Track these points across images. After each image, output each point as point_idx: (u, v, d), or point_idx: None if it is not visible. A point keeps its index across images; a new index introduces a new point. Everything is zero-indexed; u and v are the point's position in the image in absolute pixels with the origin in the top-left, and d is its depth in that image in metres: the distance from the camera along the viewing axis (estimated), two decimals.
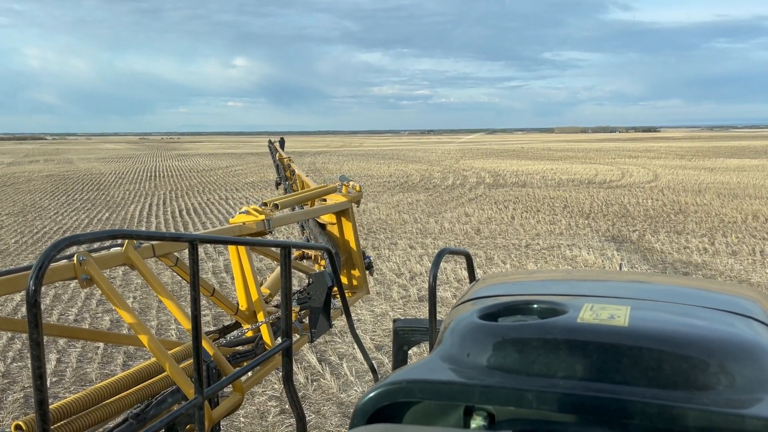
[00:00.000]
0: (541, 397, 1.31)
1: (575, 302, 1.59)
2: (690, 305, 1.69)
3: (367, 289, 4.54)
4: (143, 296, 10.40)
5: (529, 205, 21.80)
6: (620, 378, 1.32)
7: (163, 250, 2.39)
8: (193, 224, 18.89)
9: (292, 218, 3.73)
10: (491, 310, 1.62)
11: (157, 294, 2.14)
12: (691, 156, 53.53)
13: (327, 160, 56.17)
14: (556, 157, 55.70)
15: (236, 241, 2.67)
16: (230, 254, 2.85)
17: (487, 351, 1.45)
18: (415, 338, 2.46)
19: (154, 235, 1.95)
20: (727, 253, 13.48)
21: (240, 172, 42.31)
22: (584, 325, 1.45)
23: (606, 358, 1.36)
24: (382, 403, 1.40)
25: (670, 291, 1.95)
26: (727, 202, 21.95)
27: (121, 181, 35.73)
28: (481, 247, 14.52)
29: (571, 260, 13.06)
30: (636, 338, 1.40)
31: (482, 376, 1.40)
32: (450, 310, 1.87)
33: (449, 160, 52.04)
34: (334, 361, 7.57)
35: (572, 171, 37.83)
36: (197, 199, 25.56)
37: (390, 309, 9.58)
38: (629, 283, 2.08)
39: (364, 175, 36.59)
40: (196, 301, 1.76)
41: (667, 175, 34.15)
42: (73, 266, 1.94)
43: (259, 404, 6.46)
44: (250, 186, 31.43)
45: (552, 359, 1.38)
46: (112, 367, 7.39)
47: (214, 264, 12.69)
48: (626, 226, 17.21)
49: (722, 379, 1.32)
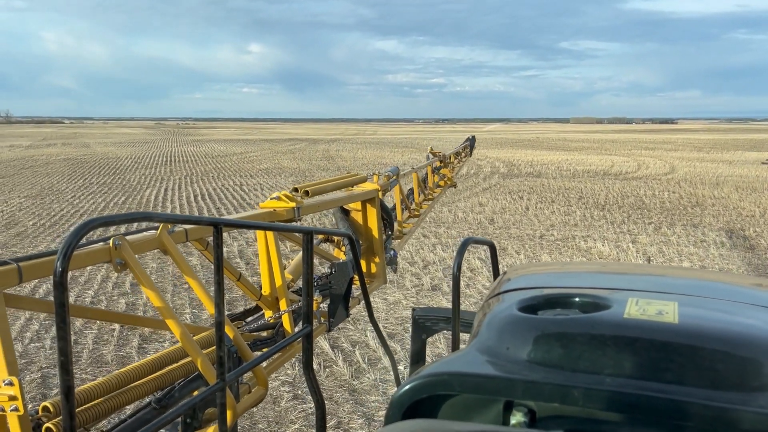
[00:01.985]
0: (588, 395, 1.26)
1: (617, 296, 1.55)
2: (738, 302, 1.64)
3: (385, 279, 4.53)
4: (158, 280, 10.48)
5: (544, 196, 21.67)
6: (671, 377, 1.28)
7: (195, 235, 2.39)
8: (208, 209, 18.99)
9: (321, 206, 3.72)
10: (530, 303, 1.58)
11: (187, 279, 2.15)
12: (709, 148, 52.89)
13: (341, 147, 56.16)
14: (572, 147, 55.26)
15: (259, 225, 2.66)
16: (258, 239, 2.85)
17: (527, 345, 1.41)
18: (434, 327, 2.44)
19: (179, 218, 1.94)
20: (745, 247, 13.33)
21: (254, 158, 42.42)
22: (632, 321, 1.41)
23: (656, 355, 1.32)
24: (419, 395, 1.37)
25: (715, 287, 1.89)
26: (746, 195, 21.69)
27: (137, 165, 35.96)
28: (495, 237, 14.47)
29: (586, 252, 12.98)
30: (688, 336, 1.36)
31: (524, 370, 1.35)
32: (483, 301, 1.83)
33: None
34: (346, 348, 7.60)
35: (588, 162, 37.53)
36: (212, 185, 25.67)
37: (403, 298, 9.59)
38: (671, 278, 2.02)
39: (378, 163, 36.55)
40: (220, 286, 1.76)
41: (685, 167, 33.77)
42: (108, 250, 1.94)
43: (271, 389, 6.50)
44: (264, 172, 31.51)
45: (599, 356, 1.34)
46: (127, 350, 7.47)
47: (239, 243, 12.76)
48: (642, 218, 17.07)
49: None
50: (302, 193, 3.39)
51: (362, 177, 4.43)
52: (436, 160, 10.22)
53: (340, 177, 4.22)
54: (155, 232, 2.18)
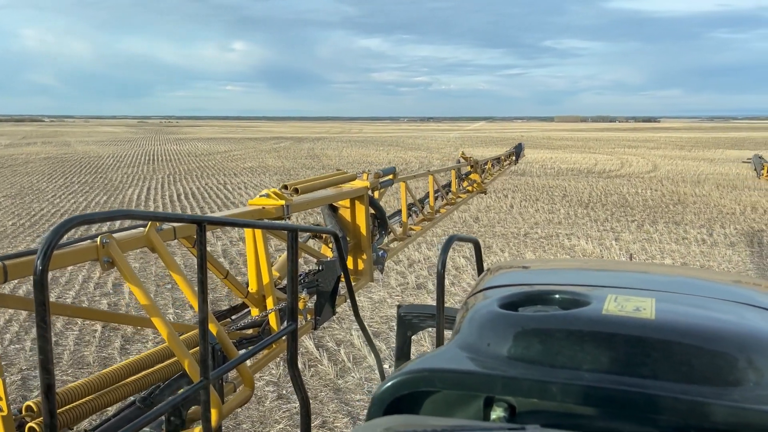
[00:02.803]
0: (566, 390, 1.29)
1: (597, 293, 1.57)
2: (713, 298, 1.67)
3: (371, 277, 4.53)
4: (141, 278, 10.39)
5: (528, 194, 21.80)
6: (648, 372, 1.30)
7: (183, 233, 2.38)
8: (191, 208, 18.86)
9: (310, 204, 3.71)
10: (511, 300, 1.60)
11: (173, 277, 2.14)
12: (690, 147, 53.51)
13: (326, 146, 56.04)
14: (556, 146, 55.63)
15: (242, 223, 2.65)
16: (246, 236, 2.85)
17: (508, 341, 1.43)
18: (420, 324, 2.45)
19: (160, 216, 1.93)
20: (725, 244, 13.51)
21: (238, 157, 42.19)
22: (610, 317, 1.43)
23: (634, 351, 1.34)
24: (401, 392, 1.38)
25: (692, 283, 1.92)
26: (726, 193, 21.98)
27: (119, 164, 35.62)
28: (480, 235, 14.52)
29: (570, 249, 13.08)
30: (664, 331, 1.38)
31: (503, 366, 1.37)
32: (465, 298, 1.85)
33: (448, 147, 51.97)
34: (331, 347, 7.59)
35: (572, 160, 37.80)
36: (195, 184, 25.49)
37: (388, 296, 9.59)
38: (649, 275, 2.06)
39: (364, 162, 36.53)
40: (204, 284, 1.75)
41: (667, 165, 34.15)
42: (96, 248, 1.92)
43: (256, 389, 6.48)
44: (249, 171, 31.35)
45: (577, 351, 1.36)
46: (109, 350, 7.40)
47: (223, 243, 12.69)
48: (625, 216, 17.23)
49: (751, 374, 1.30)
50: (291, 191, 3.38)
51: (351, 175, 4.43)
52: (466, 165, 10.24)
53: (329, 175, 4.21)
54: (143, 230, 2.17)
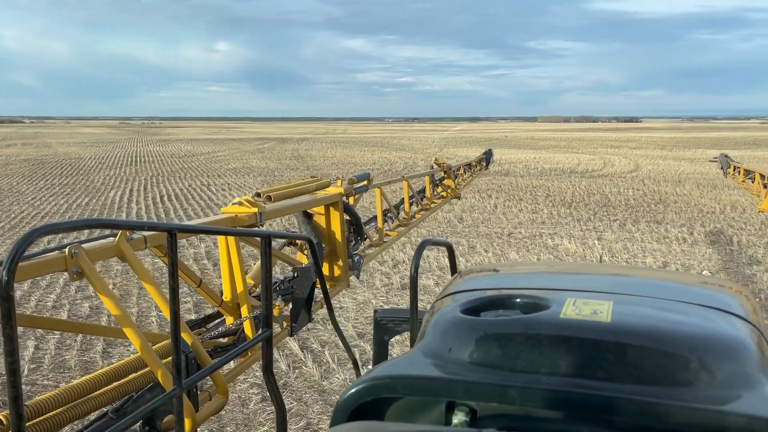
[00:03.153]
0: (524, 393, 1.30)
1: (558, 297, 1.59)
2: (672, 300, 1.69)
3: (347, 283, 4.52)
4: (124, 283, 10.30)
5: (512, 194, 21.90)
6: (603, 374, 1.32)
7: (155, 242, 2.35)
8: (174, 211, 18.72)
9: (284, 211, 3.70)
10: (473, 305, 1.61)
11: (146, 287, 2.11)
12: (671, 147, 54.09)
13: (310, 146, 55.91)
14: (539, 146, 55.98)
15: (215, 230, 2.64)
16: (219, 244, 2.83)
17: (469, 346, 1.45)
18: (396, 328, 2.45)
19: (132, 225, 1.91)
20: (706, 243, 13.67)
21: (222, 158, 41.96)
22: (567, 321, 1.45)
23: (589, 354, 1.36)
24: (364, 399, 1.39)
25: (652, 285, 1.95)
26: (706, 192, 22.25)
27: (101, 165, 35.26)
28: (464, 236, 14.57)
29: (553, 249, 13.16)
30: (618, 334, 1.40)
31: (464, 371, 1.39)
32: (432, 303, 1.86)
33: (433, 148, 52.08)
34: (316, 348, 7.57)
35: (555, 160, 38.05)
36: (178, 185, 25.31)
37: (373, 297, 9.59)
38: (611, 277, 2.09)
39: (348, 163, 36.50)
40: (175, 292, 1.74)
41: (648, 165, 34.48)
42: (64, 259, 1.89)
43: (240, 392, 6.45)
44: (232, 172, 31.19)
45: (535, 355, 1.38)
46: (91, 354, 7.32)
47: (196, 251, 12.60)
48: (607, 215, 17.37)
49: (703, 375, 1.32)
50: (264, 198, 3.37)
51: (325, 182, 4.42)
52: (440, 171, 10.30)
53: (303, 182, 4.20)
54: (113, 240, 2.14)
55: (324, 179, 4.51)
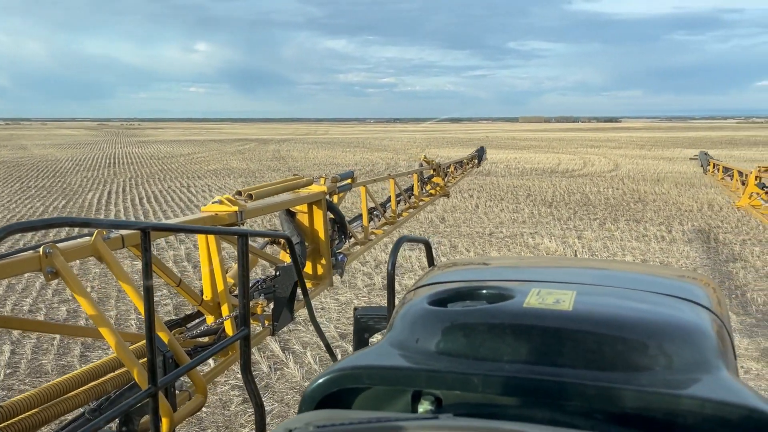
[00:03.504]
0: (486, 381, 1.32)
1: (523, 288, 1.61)
2: (634, 290, 1.72)
3: (330, 281, 4.51)
4: (102, 285, 10.17)
5: (493, 194, 22.01)
6: (562, 361, 1.35)
7: (133, 241, 2.32)
8: (154, 212, 18.53)
9: (265, 210, 3.68)
10: (441, 296, 1.63)
11: (123, 287, 2.08)
12: (650, 146, 54.76)
13: (292, 147, 55.72)
14: (520, 146, 56.36)
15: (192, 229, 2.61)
16: (199, 243, 2.79)
17: (435, 336, 1.46)
18: (376, 326, 2.45)
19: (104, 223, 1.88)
20: (684, 241, 13.85)
21: (202, 159, 41.65)
22: (529, 310, 1.47)
23: (549, 341, 1.38)
24: (330, 389, 1.40)
25: (618, 276, 1.98)
26: (684, 191, 22.55)
27: (78, 167, 34.79)
28: (446, 235, 14.61)
29: (534, 248, 13.24)
30: (578, 322, 1.43)
31: (430, 361, 1.41)
32: (403, 296, 1.87)
33: (415, 148, 52.17)
34: (297, 349, 7.53)
35: (536, 160, 38.31)
36: (158, 187, 25.06)
37: (354, 297, 9.57)
38: (579, 269, 2.12)
39: (330, 164, 36.43)
40: (150, 291, 1.72)
41: (628, 164, 34.86)
42: (38, 258, 1.86)
43: (221, 394, 6.39)
44: (213, 173, 30.97)
45: (498, 343, 1.40)
46: (68, 358, 7.21)
47: (176, 253, 12.48)
48: (587, 214, 17.52)
49: (661, 360, 1.35)
50: (245, 197, 3.34)
51: (308, 180, 4.40)
52: (429, 168, 10.30)
53: (285, 180, 4.17)
54: (89, 239, 2.10)
55: (307, 177, 4.49)
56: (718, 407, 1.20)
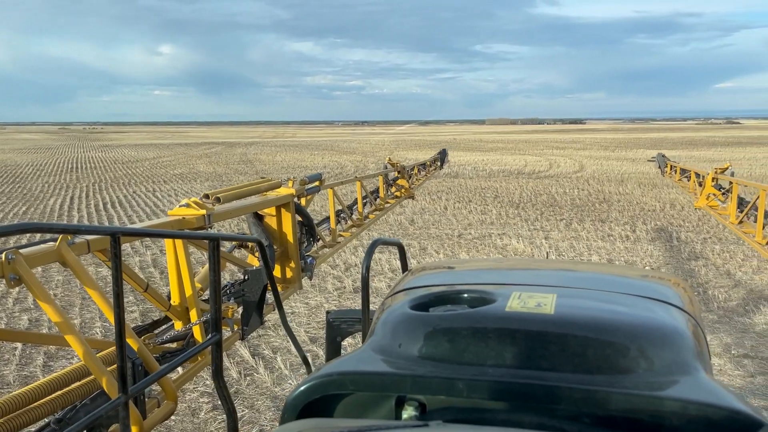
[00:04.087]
0: (471, 386, 1.32)
1: (504, 291, 1.62)
2: (613, 292, 1.74)
3: (300, 284, 4.48)
4: (66, 293, 9.93)
5: (462, 196, 22.17)
6: (546, 364, 1.35)
7: (98, 246, 2.27)
8: (119, 217, 18.19)
9: (233, 213, 3.63)
10: (422, 300, 1.63)
11: (89, 293, 2.03)
12: (614, 147, 55.81)
13: (259, 150, 55.27)
14: (487, 148, 56.90)
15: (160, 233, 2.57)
16: (166, 247, 2.74)
17: (418, 341, 1.46)
18: (349, 329, 2.44)
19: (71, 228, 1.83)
20: (647, 240, 14.14)
21: (168, 163, 41.03)
22: (512, 314, 1.47)
23: (533, 345, 1.39)
24: (313, 396, 1.39)
25: (596, 279, 2.01)
26: (647, 191, 23.04)
27: (39, 172, 33.94)
28: (415, 238, 14.66)
29: (502, 249, 13.37)
30: (561, 325, 1.44)
31: (413, 366, 1.40)
32: (382, 301, 1.86)
33: (383, 151, 52.23)
34: (267, 354, 7.47)
35: (503, 162, 38.72)
36: (122, 192, 24.60)
37: (325, 301, 9.53)
38: (556, 272, 2.14)
39: (298, 167, 36.24)
40: (119, 297, 1.69)
41: (592, 165, 35.47)
42: (0, 264, 1.80)
43: (190, 401, 6.30)
44: (179, 177, 30.53)
45: (481, 348, 1.40)
46: (31, 369, 7.02)
47: (142, 259, 12.27)
48: (554, 215, 17.77)
49: (642, 363, 1.37)
50: (213, 200, 3.30)
51: (276, 182, 4.37)
52: (393, 171, 10.31)
53: (253, 183, 4.14)
54: (54, 244, 2.05)
55: (275, 180, 4.46)
56: (701, 408, 1.22)
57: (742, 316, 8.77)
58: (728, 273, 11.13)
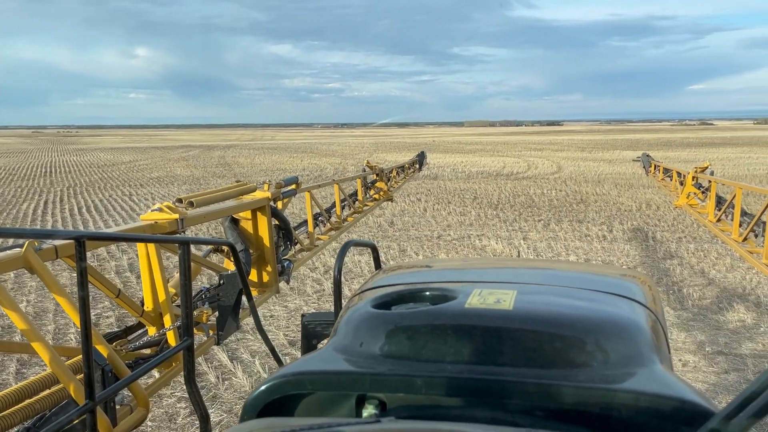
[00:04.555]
0: (429, 383, 1.33)
1: (466, 288, 1.63)
2: (574, 288, 1.76)
3: (277, 288, 4.45)
4: (39, 299, 9.76)
5: (441, 197, 22.24)
6: (503, 360, 1.36)
7: (67, 252, 2.22)
8: (94, 222, 17.93)
9: (207, 217, 3.59)
10: (385, 299, 1.63)
11: (57, 299, 1.99)
12: (591, 148, 56.44)
13: (237, 153, 54.92)
14: (466, 150, 57.19)
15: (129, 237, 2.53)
16: (139, 252, 2.70)
17: (379, 339, 1.46)
18: (324, 332, 2.43)
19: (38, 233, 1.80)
20: (624, 240, 14.31)
21: (145, 166, 40.59)
22: (471, 310, 1.48)
23: (490, 341, 1.40)
24: (273, 396, 1.38)
25: (558, 275, 2.03)
26: (624, 191, 23.32)
27: (12, 177, 33.34)
28: (395, 239, 14.67)
29: (481, 249, 13.43)
30: (518, 320, 1.45)
31: (373, 364, 1.40)
32: (348, 300, 1.86)
33: (363, 153, 52.22)
34: (246, 358, 7.41)
35: (481, 163, 38.94)
36: (98, 196, 24.26)
37: (304, 304, 9.48)
38: (521, 269, 2.15)
39: (277, 169, 36.07)
40: (85, 302, 1.66)
41: (570, 166, 35.83)
42: None
43: (167, 406, 6.22)
44: (156, 181, 30.21)
45: (440, 344, 1.41)
46: (4, 376, 6.89)
47: (118, 264, 12.11)
48: (532, 215, 17.91)
49: (598, 356, 1.38)
50: (186, 204, 3.27)
51: (251, 186, 4.35)
52: (372, 174, 10.29)
53: (228, 187, 4.11)
54: (20, 250, 2.01)
55: (250, 184, 4.43)
56: (652, 400, 1.24)
57: (716, 313, 8.91)
58: (702, 271, 11.30)
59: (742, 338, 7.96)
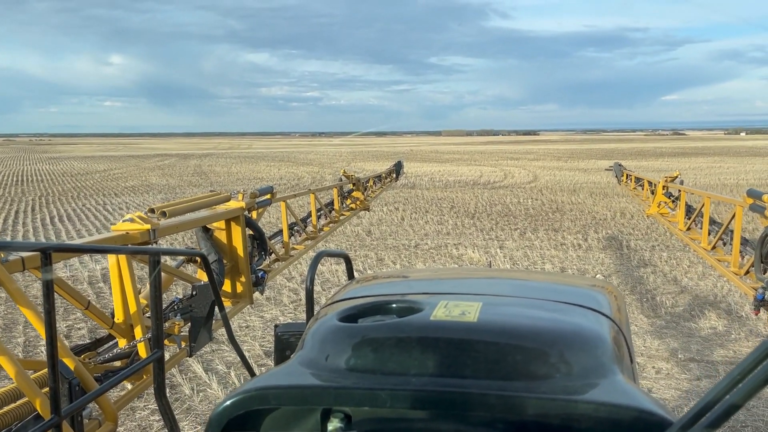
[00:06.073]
0: (394, 396, 1.33)
1: (433, 300, 1.63)
2: (539, 299, 1.77)
3: (251, 299, 4.41)
4: (9, 311, 9.55)
5: (418, 206, 22.30)
6: (467, 372, 1.37)
7: (35, 263, 2.18)
8: (67, 232, 17.64)
9: (180, 227, 3.55)
10: (352, 312, 1.63)
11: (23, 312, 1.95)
12: (566, 158, 57.11)
13: (214, 162, 54.52)
14: (443, 159, 57.50)
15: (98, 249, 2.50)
16: (109, 263, 2.66)
17: (345, 353, 1.46)
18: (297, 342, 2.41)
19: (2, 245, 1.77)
20: (599, 248, 14.48)
21: (119, 175, 40.09)
22: (435, 323, 1.48)
23: (454, 353, 1.40)
24: (237, 412, 1.38)
25: (525, 286, 2.05)
26: (599, 200, 23.62)
27: None
28: (372, 249, 14.66)
29: (458, 258, 13.48)
30: (482, 333, 1.46)
31: (339, 378, 1.40)
32: (316, 312, 1.85)
33: (340, 162, 52.19)
34: (221, 370, 7.32)
35: (458, 173, 39.17)
36: (71, 205, 23.88)
37: (280, 314, 9.42)
38: (488, 280, 2.16)
39: (254, 178, 35.87)
40: (51, 315, 1.63)
41: (546, 175, 36.20)
42: None
43: (140, 419, 6.12)
44: (131, 190, 29.84)
45: (405, 357, 1.41)
46: None
47: (91, 274, 11.91)
48: (508, 224, 18.04)
49: (560, 367, 1.39)
50: (159, 214, 3.23)
51: (225, 196, 4.31)
52: (348, 183, 10.27)
53: (201, 196, 4.08)
54: None
55: (224, 193, 4.39)
56: (612, 410, 1.25)
57: (689, 321, 9.04)
58: (675, 279, 11.47)
59: (714, 345, 8.09)
